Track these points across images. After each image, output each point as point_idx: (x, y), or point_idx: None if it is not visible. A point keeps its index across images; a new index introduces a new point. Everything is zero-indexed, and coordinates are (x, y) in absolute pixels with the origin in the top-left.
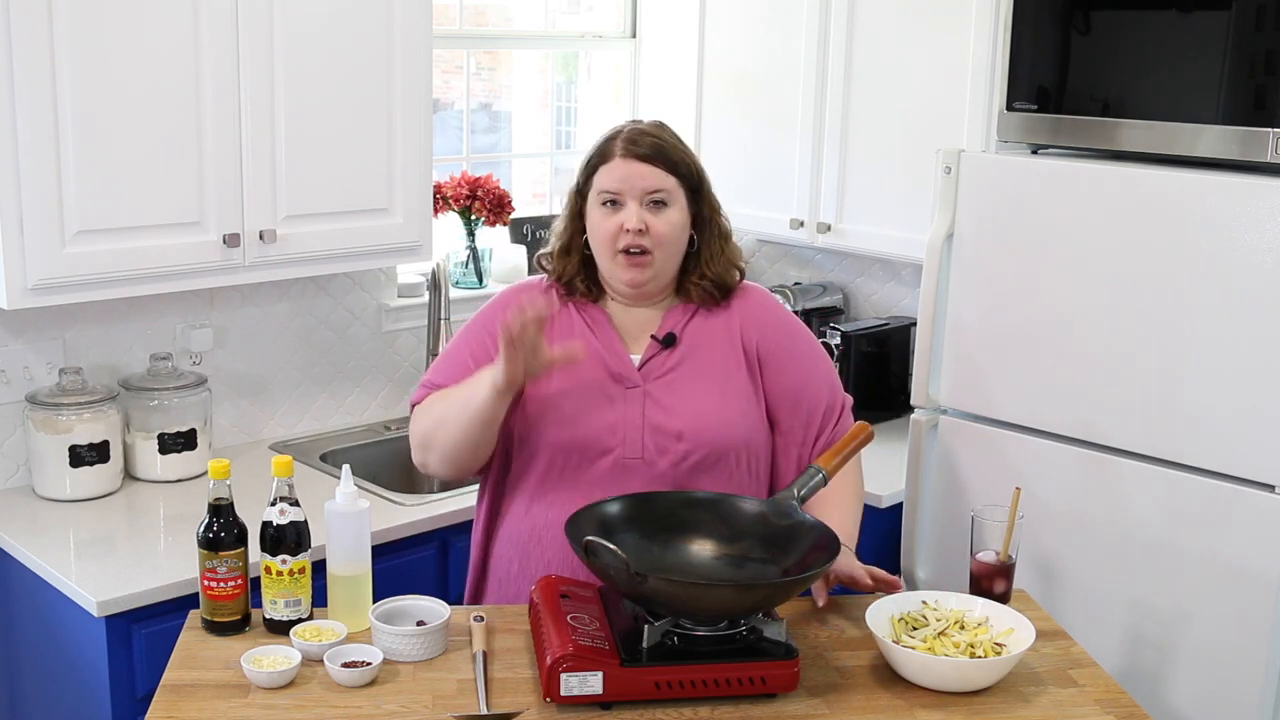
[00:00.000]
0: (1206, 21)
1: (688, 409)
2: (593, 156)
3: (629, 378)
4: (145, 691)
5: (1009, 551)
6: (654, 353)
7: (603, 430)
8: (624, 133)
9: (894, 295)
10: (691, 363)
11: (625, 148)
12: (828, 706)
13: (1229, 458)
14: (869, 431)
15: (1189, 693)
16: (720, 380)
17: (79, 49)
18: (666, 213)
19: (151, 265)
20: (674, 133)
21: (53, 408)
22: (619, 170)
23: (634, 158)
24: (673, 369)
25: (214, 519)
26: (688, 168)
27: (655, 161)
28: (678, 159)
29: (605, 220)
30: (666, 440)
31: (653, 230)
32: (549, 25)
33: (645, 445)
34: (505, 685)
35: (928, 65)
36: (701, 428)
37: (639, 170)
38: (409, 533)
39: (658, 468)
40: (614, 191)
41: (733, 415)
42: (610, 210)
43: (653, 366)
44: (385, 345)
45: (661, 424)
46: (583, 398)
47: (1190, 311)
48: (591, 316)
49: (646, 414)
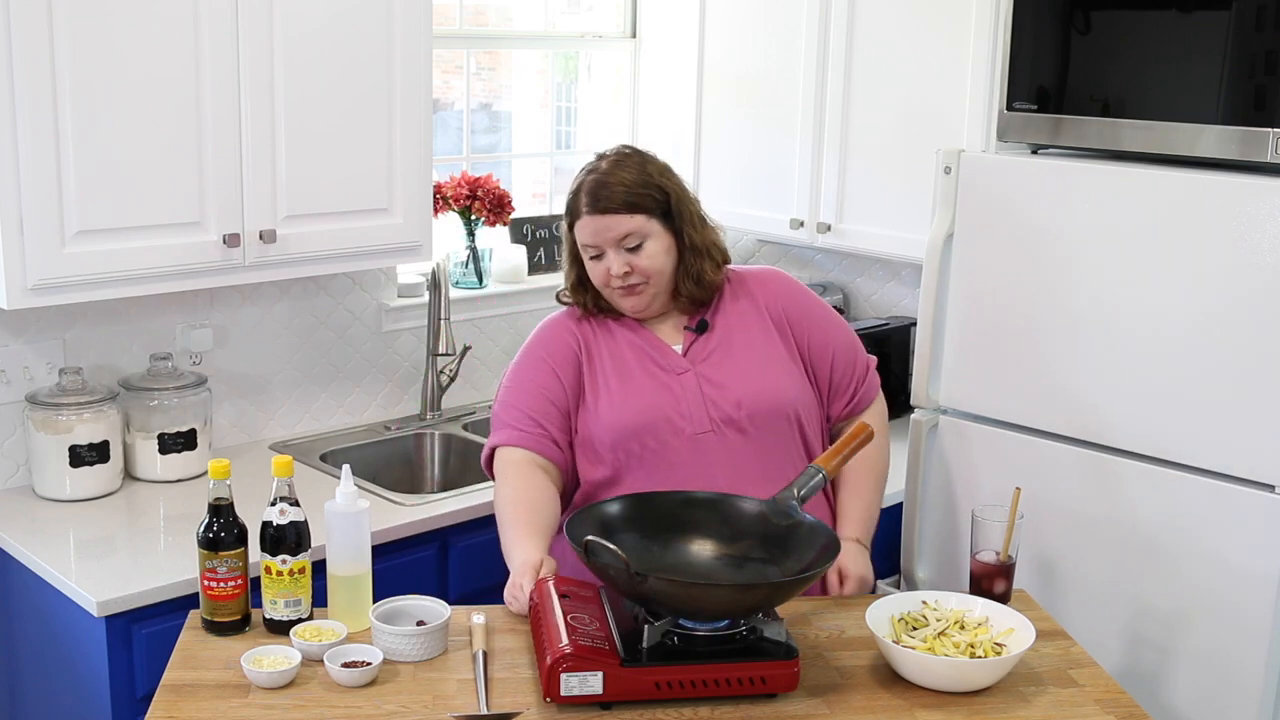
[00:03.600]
0: (1206, 21)
1: (738, 379)
2: (567, 212)
3: (677, 365)
4: (145, 691)
5: (1009, 551)
6: (692, 341)
7: (670, 414)
8: (585, 185)
9: (894, 295)
10: (729, 342)
11: (589, 203)
12: (828, 706)
13: (1229, 458)
14: (869, 431)
15: (1189, 693)
16: (760, 351)
17: (79, 49)
18: (644, 249)
19: (151, 265)
20: (639, 160)
21: (53, 408)
22: (589, 226)
23: (598, 212)
24: (714, 350)
25: (214, 519)
26: (652, 199)
27: (618, 210)
28: (639, 197)
29: (595, 268)
30: (728, 411)
31: (637, 268)
32: (549, 25)
33: (712, 419)
34: (505, 685)
35: (928, 65)
36: (755, 390)
37: (605, 223)
38: (409, 533)
39: (729, 437)
40: (592, 245)
41: (780, 377)
42: (595, 260)
43: (695, 352)
44: (385, 345)
45: (718, 398)
46: (641, 390)
47: (1190, 311)
48: (628, 324)
49: (704, 392)
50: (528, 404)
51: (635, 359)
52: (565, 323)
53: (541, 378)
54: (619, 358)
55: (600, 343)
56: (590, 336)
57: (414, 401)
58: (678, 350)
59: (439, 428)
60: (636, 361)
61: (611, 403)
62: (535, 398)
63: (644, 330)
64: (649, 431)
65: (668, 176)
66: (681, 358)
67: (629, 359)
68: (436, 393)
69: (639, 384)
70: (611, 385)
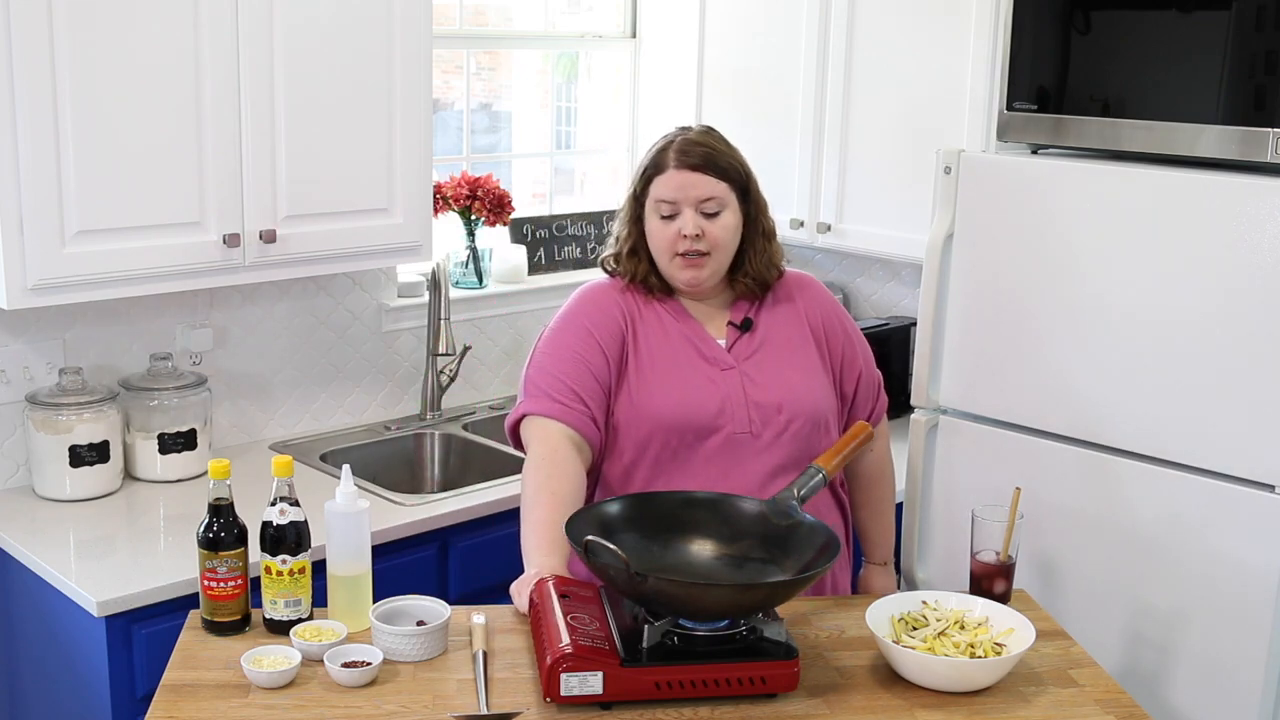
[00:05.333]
0: (1206, 21)
1: (780, 383)
2: (648, 166)
3: (722, 360)
4: (145, 691)
5: (1009, 551)
6: (737, 337)
7: (713, 410)
8: (676, 143)
9: (894, 295)
10: (772, 344)
11: (678, 158)
12: (828, 706)
13: (1229, 458)
14: (869, 431)
15: (1189, 693)
16: (800, 357)
17: (79, 49)
18: (721, 217)
19: (151, 265)
20: (722, 137)
21: (53, 408)
22: (674, 180)
23: (687, 168)
24: (757, 350)
25: (214, 519)
26: (737, 172)
27: (707, 170)
28: (727, 165)
29: (663, 228)
30: (768, 413)
31: (709, 235)
32: (549, 25)
33: (751, 419)
34: (505, 685)
35: (928, 65)
36: (796, 398)
37: (692, 179)
38: (409, 533)
39: (763, 439)
40: (670, 200)
41: (817, 386)
42: (666, 220)
43: (739, 349)
44: (385, 345)
45: (761, 399)
46: (688, 382)
47: (1190, 311)
48: (671, 309)
49: (746, 392)
50: (569, 374)
51: (682, 346)
52: (610, 293)
53: (585, 349)
54: (666, 342)
55: (647, 321)
56: (636, 313)
57: (414, 401)
58: (722, 345)
59: (439, 428)
60: (683, 349)
61: (657, 391)
62: (577, 368)
63: (689, 318)
64: (691, 428)
65: (747, 162)
66: (727, 353)
67: (676, 345)
68: (436, 393)
69: (686, 374)
70: (658, 370)
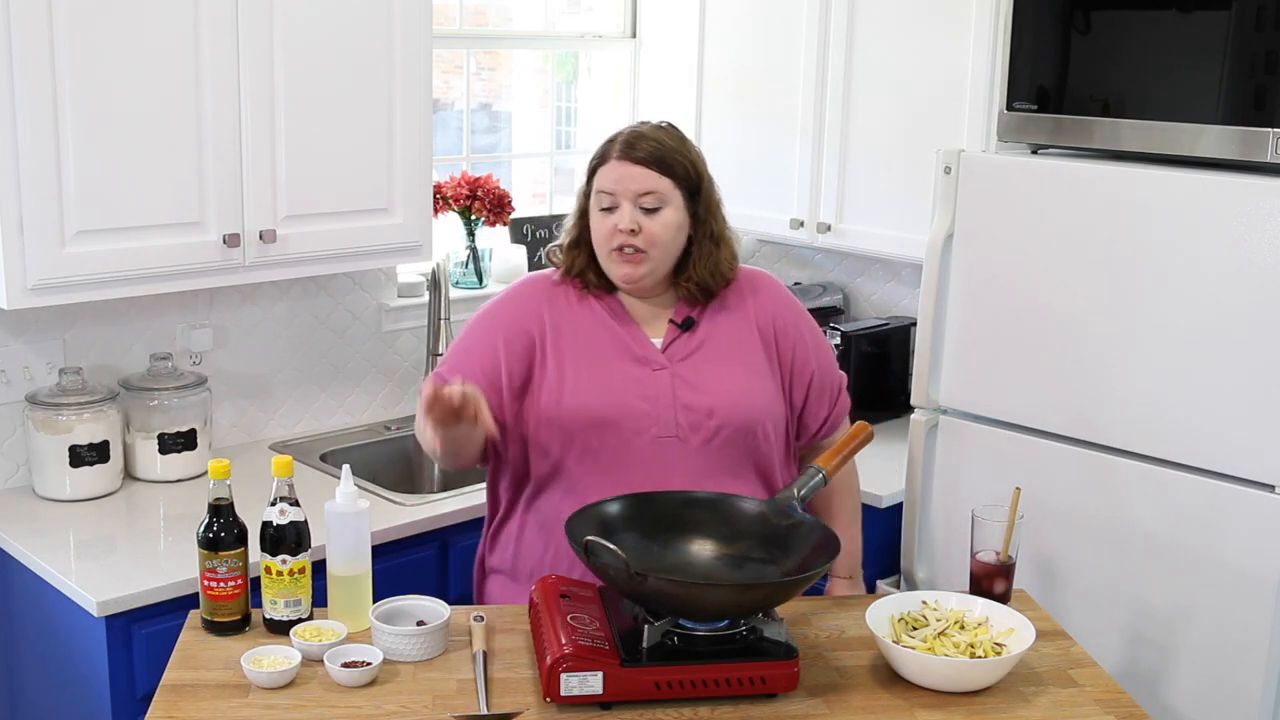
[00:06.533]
0: (1206, 21)
1: (715, 387)
2: (594, 157)
3: (655, 360)
4: (145, 691)
5: (1009, 551)
6: (675, 336)
7: (636, 411)
8: (623, 135)
9: (894, 295)
10: (712, 344)
11: (622, 150)
12: (828, 706)
13: (1229, 458)
14: (869, 431)
15: (1189, 693)
16: (742, 359)
17: (79, 49)
18: (660, 215)
19: (151, 265)
20: (679, 134)
21: (53, 408)
22: (614, 172)
23: (629, 160)
24: (695, 350)
25: (214, 519)
26: (685, 170)
27: (650, 165)
28: (674, 161)
29: (602, 220)
30: (698, 417)
31: (645, 231)
32: (549, 25)
33: (678, 423)
34: (505, 685)
35: (928, 65)
36: (730, 404)
37: (632, 173)
38: (409, 533)
39: (691, 444)
40: (609, 192)
41: (757, 391)
42: (607, 210)
43: (676, 349)
44: (385, 345)
45: (692, 402)
46: (612, 382)
47: (1190, 311)
48: (609, 306)
49: (676, 393)
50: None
51: (611, 344)
52: (538, 293)
53: (487, 355)
54: (593, 339)
55: (576, 318)
56: (565, 309)
57: (414, 401)
58: (657, 344)
59: None
60: (611, 347)
61: (579, 389)
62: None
63: (625, 316)
64: (611, 427)
65: (703, 162)
66: (660, 353)
67: (603, 343)
68: None
69: (610, 372)
70: (580, 368)
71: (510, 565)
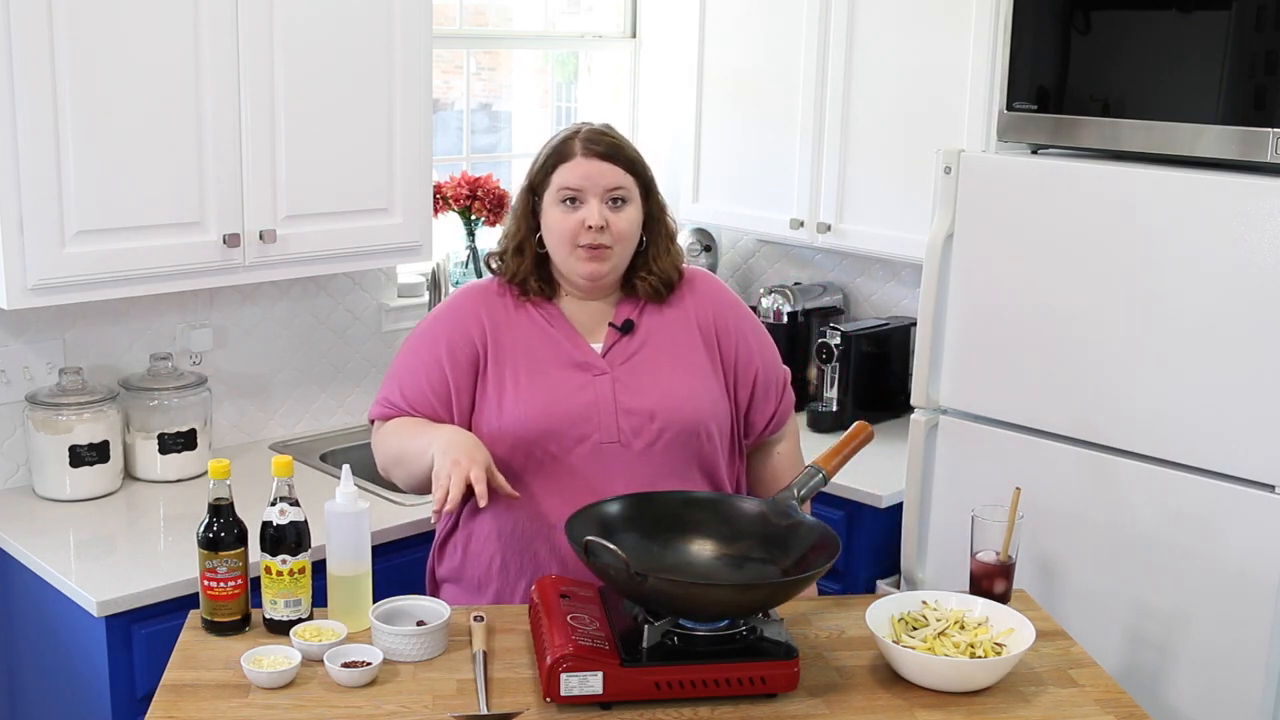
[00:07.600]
0: (1206, 21)
1: (656, 389)
2: (550, 155)
3: (595, 365)
4: (145, 691)
5: (1009, 551)
6: (615, 340)
7: (577, 417)
8: (582, 132)
9: (894, 295)
10: (652, 347)
11: (586, 147)
12: (828, 706)
13: (1229, 458)
14: (869, 431)
15: (1189, 693)
16: (683, 361)
17: (79, 49)
18: (626, 210)
19: (151, 265)
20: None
21: (53, 408)
22: (580, 168)
23: (595, 156)
24: (635, 354)
25: (214, 519)
26: (642, 166)
27: (615, 160)
28: (634, 157)
29: (565, 217)
30: (640, 421)
31: (613, 227)
32: (549, 25)
33: (620, 428)
34: (505, 685)
35: (928, 65)
36: (672, 406)
37: (600, 168)
38: (409, 533)
39: (634, 448)
40: (575, 189)
41: (699, 392)
42: (570, 207)
43: (616, 353)
44: (385, 345)
45: (633, 406)
46: (552, 389)
47: (1190, 311)
48: (547, 313)
49: (617, 398)
50: (412, 392)
51: (550, 352)
52: (475, 304)
53: (435, 376)
54: (531, 349)
55: (515, 327)
56: (503, 319)
57: None
58: (597, 349)
59: None
60: (551, 355)
61: (519, 399)
62: (415, 384)
63: (563, 321)
64: (553, 437)
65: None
66: (600, 358)
67: (543, 352)
68: None
69: (551, 381)
70: (520, 380)
71: (458, 574)
